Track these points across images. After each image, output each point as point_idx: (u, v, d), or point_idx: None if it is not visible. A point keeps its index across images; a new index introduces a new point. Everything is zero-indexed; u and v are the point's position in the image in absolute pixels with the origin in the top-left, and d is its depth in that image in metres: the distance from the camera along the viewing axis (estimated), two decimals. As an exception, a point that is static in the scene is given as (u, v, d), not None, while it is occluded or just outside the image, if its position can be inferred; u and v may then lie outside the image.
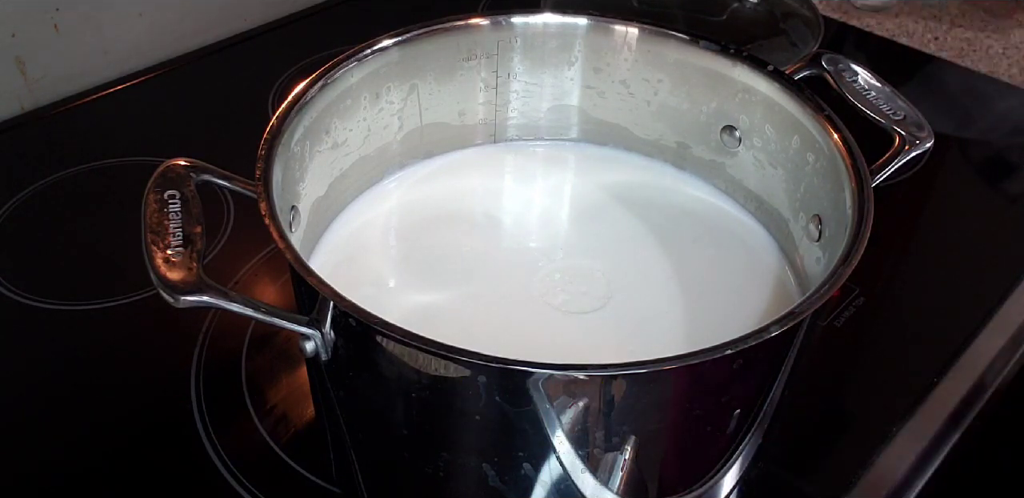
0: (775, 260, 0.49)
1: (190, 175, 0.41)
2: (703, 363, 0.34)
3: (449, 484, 0.41)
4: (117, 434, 0.53)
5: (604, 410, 0.36)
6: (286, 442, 0.52)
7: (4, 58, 0.73)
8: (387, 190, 0.53)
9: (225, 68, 0.83)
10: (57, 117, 0.76)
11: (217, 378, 0.55)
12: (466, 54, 0.51)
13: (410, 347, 0.34)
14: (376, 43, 0.48)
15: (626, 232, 0.51)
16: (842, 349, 0.59)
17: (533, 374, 0.34)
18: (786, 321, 0.35)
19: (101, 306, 0.60)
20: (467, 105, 0.53)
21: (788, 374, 0.40)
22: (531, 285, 0.47)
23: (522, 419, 0.36)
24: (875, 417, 0.55)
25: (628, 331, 0.45)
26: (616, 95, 0.53)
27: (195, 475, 0.51)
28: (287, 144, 0.43)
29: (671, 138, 0.53)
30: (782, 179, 0.48)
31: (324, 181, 0.48)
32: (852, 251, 0.38)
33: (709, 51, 0.48)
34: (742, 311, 0.46)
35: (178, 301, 0.36)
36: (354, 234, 0.50)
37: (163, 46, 0.82)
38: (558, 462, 0.38)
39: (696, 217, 0.52)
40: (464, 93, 0.53)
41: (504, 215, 0.52)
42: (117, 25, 0.78)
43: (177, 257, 0.37)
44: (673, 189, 0.53)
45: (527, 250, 0.50)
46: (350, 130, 0.49)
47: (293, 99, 0.44)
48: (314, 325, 0.37)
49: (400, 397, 0.39)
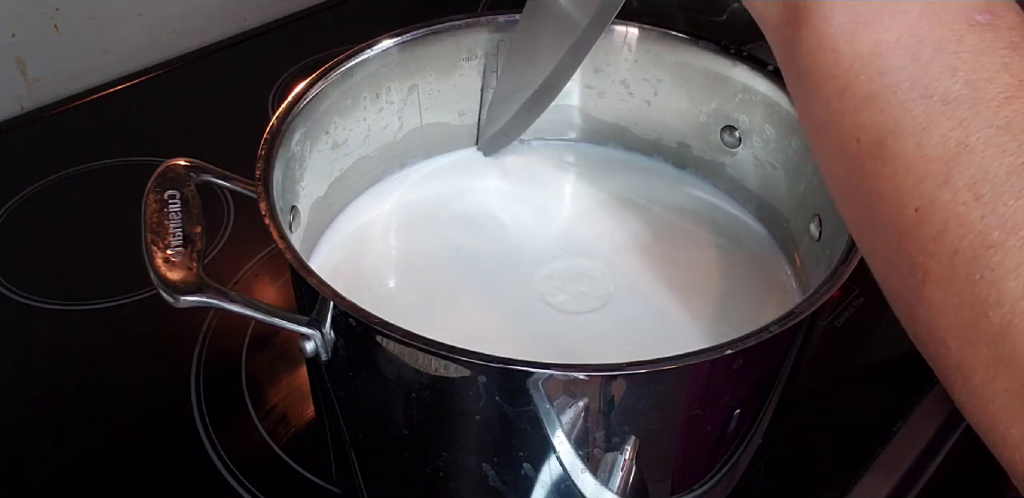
0: (775, 260, 0.49)
1: (190, 175, 0.41)
2: (703, 363, 0.34)
3: (449, 484, 0.41)
4: (117, 434, 0.53)
5: (604, 410, 0.36)
6: (286, 442, 0.52)
7: (4, 58, 0.73)
8: (387, 190, 0.53)
9: (225, 68, 0.83)
10: (57, 117, 0.76)
11: (217, 378, 0.55)
12: (466, 54, 0.51)
13: (410, 347, 0.34)
14: (376, 43, 0.48)
15: (626, 232, 0.51)
16: (842, 349, 0.59)
17: (533, 374, 0.34)
18: (786, 321, 0.35)
19: (101, 306, 0.60)
20: (467, 105, 0.53)
21: (788, 374, 0.40)
22: (531, 285, 0.47)
23: (522, 419, 0.36)
24: (875, 417, 0.55)
25: (628, 331, 0.45)
26: (616, 95, 0.53)
27: (195, 475, 0.51)
28: (287, 144, 0.43)
29: (671, 138, 0.53)
30: (782, 179, 0.48)
31: (324, 181, 0.48)
32: (852, 251, 0.38)
33: (709, 51, 0.48)
34: (742, 311, 0.46)
35: (178, 301, 0.36)
36: (354, 234, 0.50)
37: (163, 46, 0.82)
38: (558, 462, 0.38)
39: (696, 217, 0.52)
40: (464, 93, 0.53)
41: (504, 215, 0.52)
42: (117, 25, 0.78)
43: (177, 257, 0.37)
44: (673, 189, 0.53)
45: (527, 250, 0.50)
46: (350, 130, 0.49)
47: (293, 99, 0.44)
48: (314, 325, 0.37)
49: (400, 397, 0.39)
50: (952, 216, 0.24)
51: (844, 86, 0.26)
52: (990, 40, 0.25)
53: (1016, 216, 0.23)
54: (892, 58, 0.25)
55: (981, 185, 0.23)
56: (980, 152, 0.23)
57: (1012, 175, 0.23)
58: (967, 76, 0.24)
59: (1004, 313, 0.23)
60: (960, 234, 0.23)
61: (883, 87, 0.25)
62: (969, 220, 0.23)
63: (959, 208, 0.24)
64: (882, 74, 0.25)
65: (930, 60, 0.25)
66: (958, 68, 0.24)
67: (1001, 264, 0.23)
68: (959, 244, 0.23)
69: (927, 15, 0.25)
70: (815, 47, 0.27)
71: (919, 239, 0.24)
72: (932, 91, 0.24)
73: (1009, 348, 0.23)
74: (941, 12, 0.25)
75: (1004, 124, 0.23)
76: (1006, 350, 0.23)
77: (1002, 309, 0.23)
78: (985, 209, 0.23)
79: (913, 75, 0.25)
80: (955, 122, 0.24)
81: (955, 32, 0.25)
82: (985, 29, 0.25)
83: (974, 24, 0.25)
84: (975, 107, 0.24)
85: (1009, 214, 0.23)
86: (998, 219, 0.23)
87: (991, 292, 0.23)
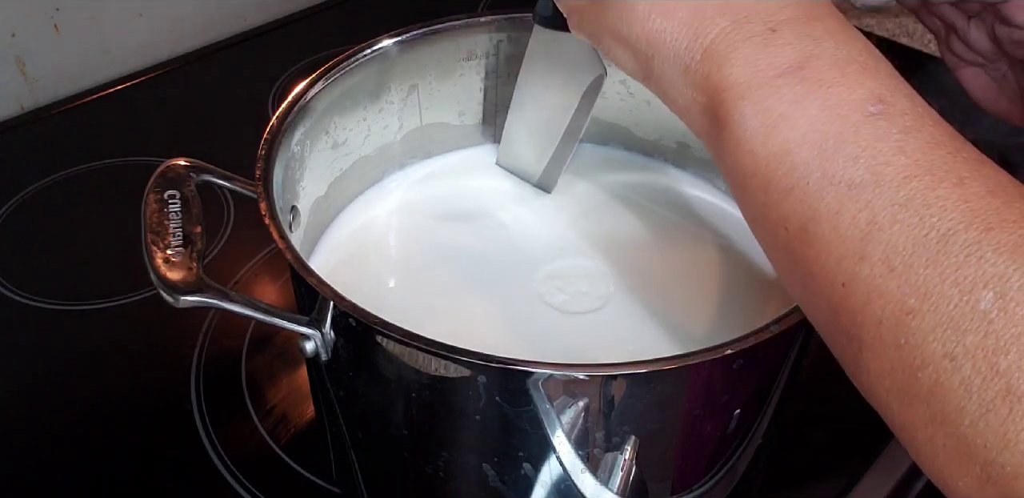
0: (775, 260, 0.49)
1: (190, 175, 0.41)
2: (703, 363, 0.34)
3: (449, 484, 0.41)
4: (117, 434, 0.53)
5: (604, 410, 0.36)
6: (286, 442, 0.52)
7: (4, 58, 0.73)
8: (387, 190, 0.53)
9: (225, 68, 0.83)
10: (57, 117, 0.76)
11: (217, 378, 0.55)
12: (466, 54, 0.51)
13: (410, 347, 0.34)
14: (376, 43, 0.48)
15: (626, 232, 0.51)
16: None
17: (533, 374, 0.34)
18: (786, 321, 0.35)
19: (101, 306, 0.60)
20: (467, 105, 0.53)
21: (788, 374, 0.40)
22: (531, 285, 0.47)
23: (522, 419, 0.36)
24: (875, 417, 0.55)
25: (628, 331, 0.45)
26: (616, 95, 0.53)
27: (195, 475, 0.51)
28: (287, 144, 0.43)
29: (671, 138, 0.53)
30: (782, 179, 0.48)
31: (324, 181, 0.48)
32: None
33: (709, 51, 0.48)
34: (742, 311, 0.46)
35: (178, 301, 0.36)
36: (354, 234, 0.50)
37: (163, 46, 0.82)
38: (558, 462, 0.38)
39: (696, 217, 0.52)
40: (464, 93, 0.53)
41: (504, 215, 0.52)
42: (117, 25, 0.78)
43: (177, 257, 0.37)
44: (673, 189, 0.53)
45: (527, 250, 0.50)
46: (350, 130, 0.49)
47: (293, 99, 0.44)
48: (314, 325, 0.37)
49: (400, 397, 0.39)
50: (872, 288, 0.26)
51: (765, 182, 0.29)
52: (884, 127, 0.27)
53: (927, 283, 0.25)
54: (801, 153, 0.28)
55: (893, 258, 0.26)
56: (888, 229, 0.26)
57: (919, 246, 0.25)
58: (867, 162, 0.27)
59: (930, 373, 0.25)
60: (881, 304, 0.26)
61: (797, 179, 0.28)
62: (887, 290, 0.26)
63: (877, 280, 0.26)
64: (794, 168, 0.28)
65: (834, 151, 0.27)
66: (859, 156, 0.27)
67: (920, 328, 0.25)
68: (882, 313, 0.26)
69: (826, 111, 0.28)
70: (735, 149, 0.29)
71: (849, 312, 0.27)
72: (839, 179, 0.27)
73: (940, 406, 0.25)
74: (838, 107, 0.28)
75: (905, 201, 0.26)
76: (938, 408, 0.25)
77: (927, 370, 0.25)
78: (900, 279, 0.25)
79: (821, 166, 0.27)
80: (862, 204, 0.26)
81: (852, 124, 0.27)
82: (879, 118, 0.27)
83: (868, 114, 0.27)
84: (878, 189, 0.26)
85: (921, 282, 0.25)
86: (912, 287, 0.25)
87: (916, 355, 0.25)
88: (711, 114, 0.30)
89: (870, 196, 0.26)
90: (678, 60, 0.31)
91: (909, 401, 0.26)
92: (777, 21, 0.30)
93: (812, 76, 0.28)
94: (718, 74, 0.30)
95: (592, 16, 0.34)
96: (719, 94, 0.30)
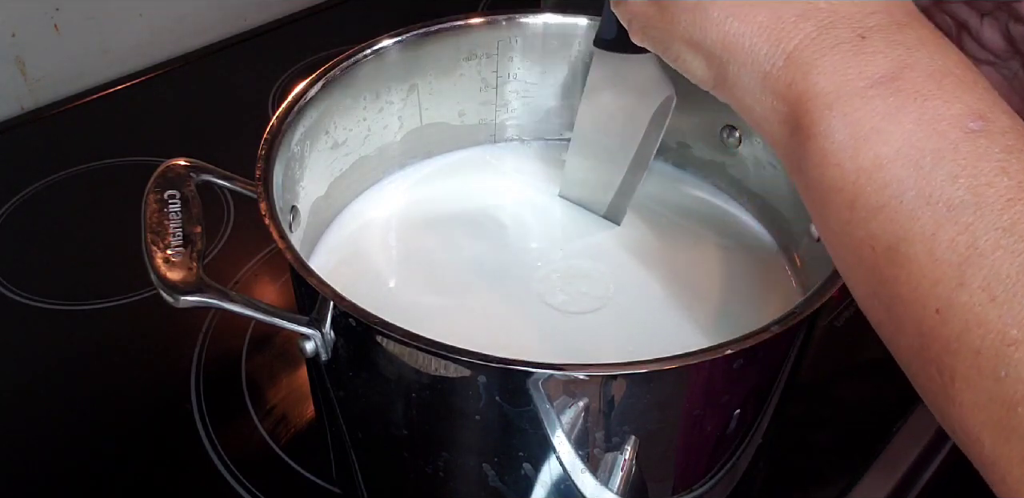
0: (775, 260, 0.49)
1: (190, 175, 0.41)
2: (703, 363, 0.34)
3: (449, 484, 0.41)
4: (117, 434, 0.53)
5: (604, 410, 0.36)
6: (286, 442, 0.52)
7: (4, 58, 0.73)
8: (387, 190, 0.53)
9: (225, 68, 0.83)
10: (57, 117, 0.76)
11: (217, 378, 0.55)
12: (466, 54, 0.51)
13: (410, 347, 0.34)
14: (376, 43, 0.48)
15: (626, 232, 0.51)
16: (842, 349, 0.59)
17: (533, 374, 0.34)
18: (786, 321, 0.35)
19: (101, 306, 0.60)
20: (467, 105, 0.53)
21: (788, 374, 0.40)
22: (531, 285, 0.47)
23: (522, 419, 0.36)
24: (875, 417, 0.55)
25: (628, 331, 0.45)
26: (616, 95, 0.53)
27: (195, 475, 0.51)
28: (287, 144, 0.43)
29: (671, 138, 0.53)
30: (782, 179, 0.48)
31: (324, 181, 0.48)
32: (852, 251, 0.38)
33: (709, 51, 0.48)
34: (742, 311, 0.46)
35: (178, 301, 0.36)
36: (354, 234, 0.50)
37: (163, 46, 0.82)
38: (558, 462, 0.38)
39: (696, 217, 0.52)
40: (464, 93, 0.53)
41: (504, 215, 0.52)
42: (117, 25, 0.78)
43: (177, 257, 0.37)
44: (673, 189, 0.53)
45: (527, 250, 0.50)
46: (350, 130, 0.49)
47: (293, 99, 0.44)
48: (314, 325, 0.37)
49: (400, 397, 0.39)
50: (971, 316, 0.25)
51: (852, 198, 0.27)
52: (985, 145, 0.26)
53: None
54: (894, 169, 0.26)
55: (995, 286, 0.24)
56: (989, 255, 0.24)
57: (1022, 275, 0.24)
58: (967, 182, 0.25)
59: None
60: (980, 334, 0.24)
61: (889, 197, 0.26)
62: (987, 320, 0.24)
63: (976, 309, 0.24)
64: (887, 185, 0.26)
65: (931, 169, 0.26)
66: (958, 175, 0.25)
67: (1022, 361, 0.24)
68: (980, 343, 0.24)
69: (922, 126, 0.26)
70: (819, 162, 0.28)
71: (942, 340, 0.25)
72: (936, 198, 0.25)
73: None
74: (935, 122, 0.26)
75: (1008, 226, 0.24)
76: None
77: None
78: (1001, 309, 0.24)
79: (917, 184, 0.26)
80: (962, 227, 0.25)
81: (951, 141, 0.26)
82: (979, 135, 0.26)
83: (968, 131, 0.26)
84: (979, 212, 0.25)
85: None
86: (1014, 318, 0.24)
87: (1018, 388, 0.24)
88: (793, 124, 0.29)
89: (970, 218, 0.25)
90: (757, 66, 0.29)
91: (1007, 436, 0.24)
92: (866, 27, 0.28)
93: (907, 88, 0.27)
94: (803, 82, 0.28)
95: (659, 21, 0.33)
96: (804, 103, 0.28)
